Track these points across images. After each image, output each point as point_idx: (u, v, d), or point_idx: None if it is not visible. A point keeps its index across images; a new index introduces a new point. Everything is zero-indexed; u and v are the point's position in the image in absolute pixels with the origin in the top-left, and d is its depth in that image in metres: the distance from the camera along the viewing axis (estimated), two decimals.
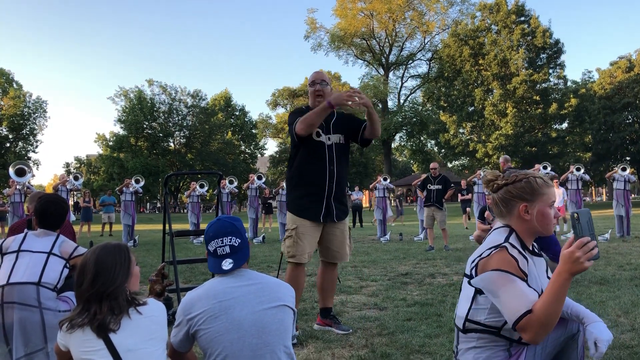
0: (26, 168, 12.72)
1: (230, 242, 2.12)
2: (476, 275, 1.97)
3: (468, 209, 19.41)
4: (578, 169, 13.15)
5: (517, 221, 2.06)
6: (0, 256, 3.12)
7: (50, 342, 2.89)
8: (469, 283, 2.01)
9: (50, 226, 3.25)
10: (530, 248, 2.07)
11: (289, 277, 3.99)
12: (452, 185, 11.14)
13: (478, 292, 1.97)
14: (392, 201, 29.22)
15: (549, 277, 2.12)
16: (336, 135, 4.06)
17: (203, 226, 16.00)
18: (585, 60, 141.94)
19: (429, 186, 10.85)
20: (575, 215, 1.84)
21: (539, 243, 5.40)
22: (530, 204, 2.03)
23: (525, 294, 1.85)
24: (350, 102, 3.68)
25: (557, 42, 39.95)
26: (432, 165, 11.30)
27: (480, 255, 1.98)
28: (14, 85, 50.48)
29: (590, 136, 41.52)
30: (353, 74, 62.90)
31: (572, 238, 1.83)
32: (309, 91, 4.16)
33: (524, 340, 1.86)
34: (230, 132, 59.99)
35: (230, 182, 16.06)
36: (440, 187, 10.73)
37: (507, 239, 1.99)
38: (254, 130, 61.34)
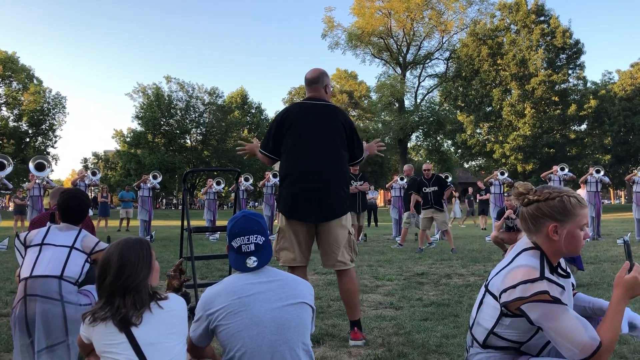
0: (45, 163, 12.87)
1: (255, 240, 2.13)
2: (504, 302, 1.92)
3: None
4: (598, 171, 12.99)
5: (544, 240, 1.98)
6: (24, 249, 3.17)
7: (71, 335, 2.93)
8: (502, 310, 1.94)
9: (72, 220, 3.29)
10: (558, 269, 2.01)
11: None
12: (450, 184, 10.73)
13: (504, 314, 1.94)
14: (460, 200, 27.85)
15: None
16: None
17: (219, 223, 16.08)
18: (606, 61, 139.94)
19: (424, 189, 10.32)
20: (628, 242, 1.94)
21: None
22: (560, 225, 1.94)
23: (583, 324, 1.82)
24: None
25: (577, 42, 39.57)
26: (424, 166, 10.75)
27: (513, 286, 1.88)
28: (34, 81, 51.11)
29: (609, 138, 41.04)
30: (370, 72, 63.14)
31: (627, 264, 1.88)
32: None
33: None
34: (246, 130, 60.22)
35: (246, 180, 16.12)
36: (436, 188, 10.21)
37: (542, 272, 1.89)
38: None
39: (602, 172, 13.05)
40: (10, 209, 40.95)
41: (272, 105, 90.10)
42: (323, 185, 3.69)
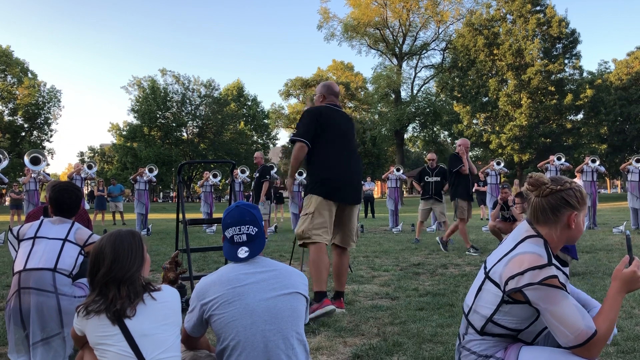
0: (41, 156, 12.83)
1: (247, 230, 2.14)
2: (505, 288, 1.92)
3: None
4: (593, 161, 13.02)
5: (560, 229, 2.00)
6: (17, 242, 3.16)
7: (66, 327, 2.93)
8: (504, 297, 1.94)
9: (65, 213, 3.28)
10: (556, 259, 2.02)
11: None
12: None
13: (505, 301, 1.94)
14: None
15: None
16: None
17: (216, 215, 16.09)
18: (602, 50, 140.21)
19: (427, 178, 10.32)
20: (629, 236, 1.97)
21: None
22: (577, 213, 1.99)
23: (580, 312, 1.84)
24: None
25: (573, 32, 39.46)
26: (429, 156, 10.75)
27: (520, 273, 1.89)
28: (29, 74, 50.89)
29: (605, 127, 41.10)
30: (366, 63, 63.09)
31: (627, 257, 1.92)
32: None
33: (583, 357, 1.84)
34: (242, 122, 60.10)
35: (242, 172, 16.10)
36: (438, 178, 10.23)
37: (549, 259, 1.91)
38: (266, 121, 61.45)
39: (597, 162, 13.09)
40: (6, 203, 40.89)
41: (269, 97, 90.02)
42: (356, 175, 4.52)
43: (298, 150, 4.34)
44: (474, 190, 19.52)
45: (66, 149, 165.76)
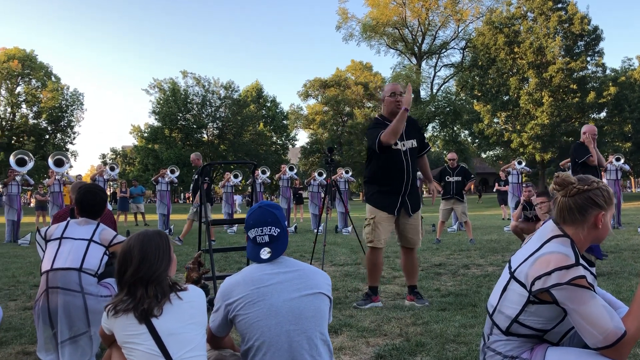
0: (64, 158, 13.05)
1: (269, 231, 2.15)
2: (532, 288, 1.91)
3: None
4: (618, 159, 12.83)
5: (587, 229, 1.98)
6: (45, 243, 3.23)
7: (93, 326, 2.98)
8: (530, 298, 1.92)
9: (90, 215, 3.34)
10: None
11: (367, 259, 4.74)
12: (473, 176, 10.54)
13: (531, 302, 1.93)
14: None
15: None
16: (409, 141, 4.61)
17: (236, 216, 16.17)
18: (625, 47, 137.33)
19: (447, 178, 10.24)
20: None
21: None
22: (605, 213, 1.97)
23: (609, 312, 1.82)
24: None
25: (596, 28, 38.81)
26: (449, 155, 10.72)
27: (547, 273, 1.87)
28: (52, 78, 51.75)
29: (630, 125, 40.33)
30: (385, 63, 62.92)
31: None
32: (386, 101, 4.66)
33: (612, 358, 1.81)
34: (262, 124, 60.35)
35: (263, 172, 16.19)
36: (459, 178, 10.15)
37: (577, 259, 1.88)
38: (285, 122, 61.65)
39: (622, 160, 12.89)
40: (31, 204, 41.60)
41: (287, 98, 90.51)
42: None
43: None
44: (495, 189, 19.39)
45: (89, 151, 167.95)
